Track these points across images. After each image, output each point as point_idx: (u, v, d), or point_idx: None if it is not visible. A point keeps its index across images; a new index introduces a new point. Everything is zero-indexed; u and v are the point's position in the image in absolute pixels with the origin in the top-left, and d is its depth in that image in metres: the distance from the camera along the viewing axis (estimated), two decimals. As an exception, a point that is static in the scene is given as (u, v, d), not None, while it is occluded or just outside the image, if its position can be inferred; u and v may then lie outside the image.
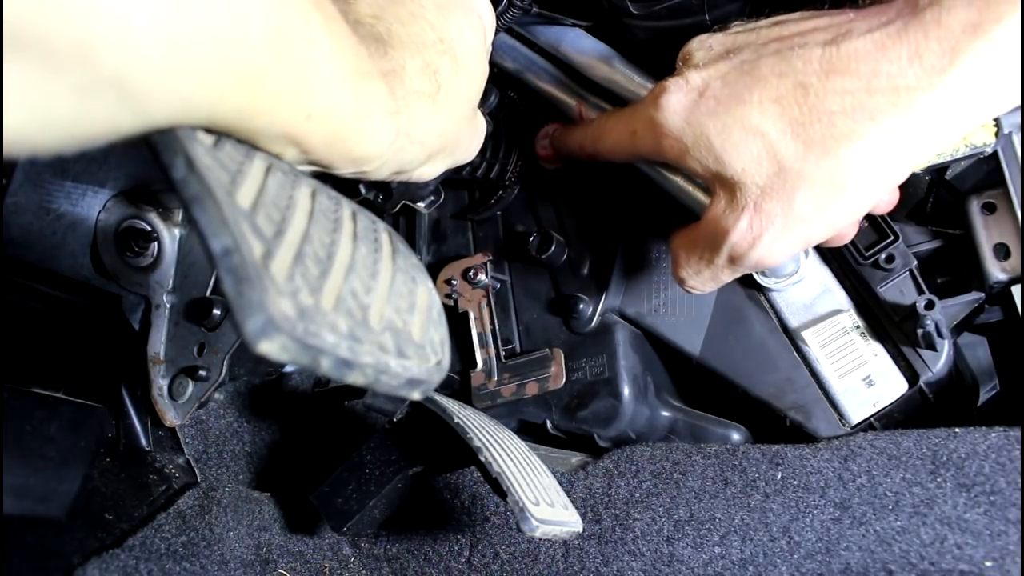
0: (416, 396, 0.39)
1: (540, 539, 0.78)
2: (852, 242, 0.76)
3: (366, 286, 0.40)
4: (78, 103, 0.30)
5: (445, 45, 0.52)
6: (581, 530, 0.65)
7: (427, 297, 0.45)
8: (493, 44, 0.86)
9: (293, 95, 0.38)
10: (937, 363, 0.74)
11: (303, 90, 0.39)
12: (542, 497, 0.63)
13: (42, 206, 0.87)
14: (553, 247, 0.84)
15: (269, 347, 0.31)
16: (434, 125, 0.52)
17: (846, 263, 0.77)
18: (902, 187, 0.78)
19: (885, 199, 0.63)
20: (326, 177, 0.52)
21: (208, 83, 0.34)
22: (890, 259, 0.75)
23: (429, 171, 0.58)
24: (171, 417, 0.93)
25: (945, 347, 0.73)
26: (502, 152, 0.90)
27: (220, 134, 0.39)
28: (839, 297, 0.78)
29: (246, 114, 0.37)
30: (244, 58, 0.34)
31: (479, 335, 0.92)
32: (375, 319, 0.38)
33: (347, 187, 0.87)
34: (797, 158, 0.52)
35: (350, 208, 0.46)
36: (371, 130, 0.45)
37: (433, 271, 0.94)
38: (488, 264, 0.92)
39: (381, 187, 0.91)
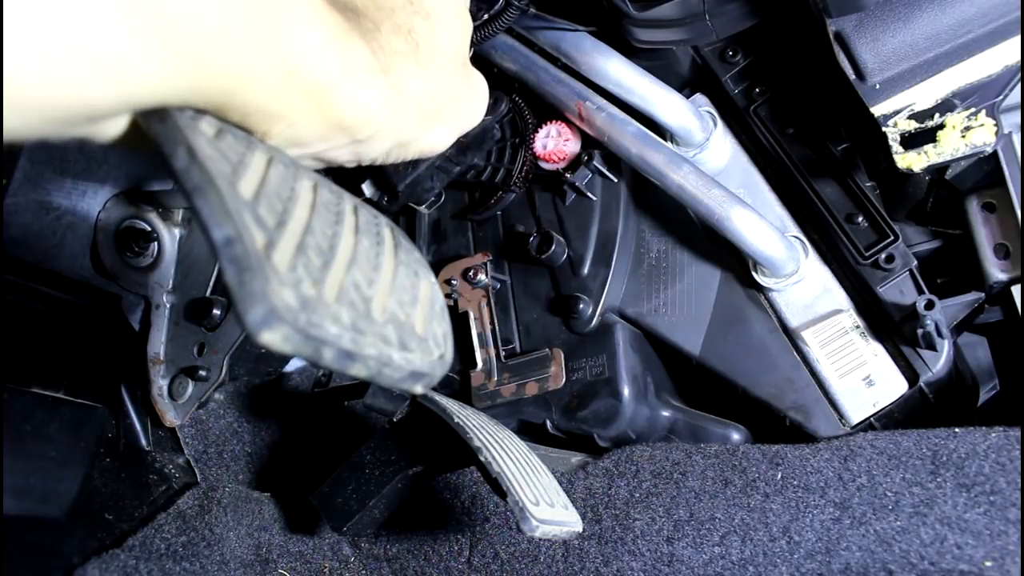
0: (419, 389, 0.39)
1: (540, 539, 0.78)
2: (852, 242, 0.77)
3: (368, 278, 0.39)
4: (42, 71, 0.29)
5: (415, 6, 0.52)
6: (581, 530, 0.65)
7: (430, 291, 0.45)
8: (494, 45, 0.86)
9: (272, 52, 0.37)
10: (937, 363, 0.74)
11: (281, 46, 0.38)
12: (542, 497, 0.63)
13: (42, 206, 0.87)
14: (553, 247, 0.85)
15: (271, 337, 0.30)
16: (423, 84, 0.50)
17: (846, 263, 0.77)
18: (903, 187, 0.78)
19: None
20: (328, 173, 0.52)
21: (180, 44, 0.32)
22: (890, 259, 0.75)
23: (436, 139, 0.56)
24: (171, 417, 0.93)
25: (945, 347, 0.73)
26: (507, 157, 0.90)
27: (221, 124, 0.38)
28: (839, 297, 0.78)
29: (229, 81, 0.36)
30: (214, 13, 0.33)
31: (479, 335, 0.92)
32: (378, 311, 0.38)
33: (351, 187, 0.87)
34: None
35: (352, 202, 0.46)
36: (359, 89, 0.44)
37: (433, 271, 0.94)
38: (488, 264, 0.92)
39: (386, 188, 0.91)
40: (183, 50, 0.33)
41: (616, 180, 0.87)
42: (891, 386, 0.75)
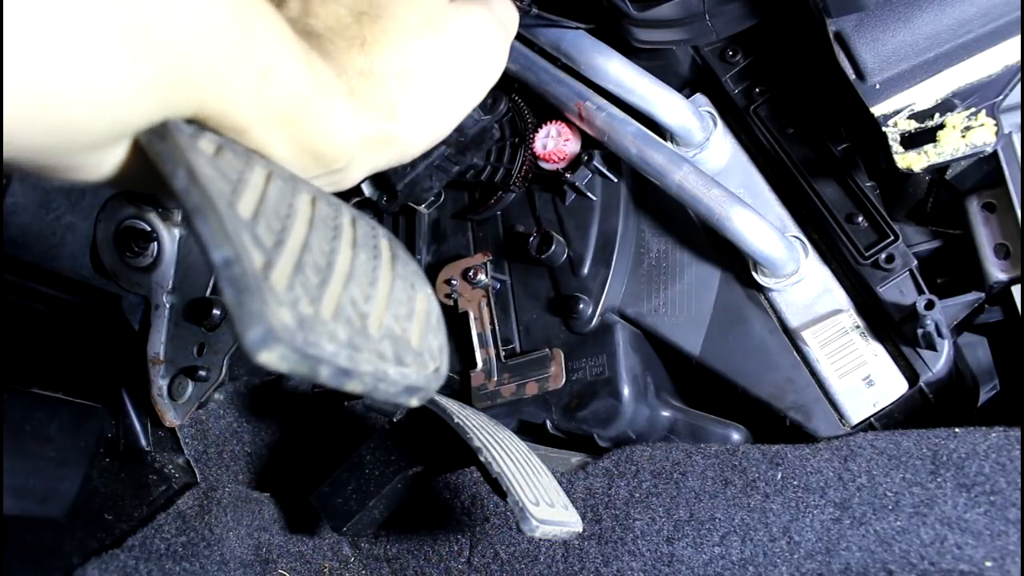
0: (414, 403, 0.39)
1: (540, 539, 0.78)
2: (852, 242, 0.77)
3: (365, 294, 0.40)
4: (28, 90, 0.28)
5: (371, 11, 0.49)
6: (581, 530, 0.65)
7: (426, 303, 0.46)
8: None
9: (245, 54, 0.36)
10: (937, 363, 0.74)
11: (253, 45, 0.37)
12: (542, 497, 0.63)
13: (42, 206, 0.87)
14: (553, 247, 0.85)
15: (269, 357, 0.31)
16: (388, 93, 0.48)
17: (846, 263, 0.77)
18: (903, 187, 0.78)
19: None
20: None
21: (158, 44, 0.31)
22: (890, 259, 0.75)
23: (432, 129, 0.53)
24: (171, 417, 0.93)
25: (945, 347, 0.73)
26: (506, 156, 0.90)
27: (221, 141, 0.39)
28: (839, 297, 0.78)
29: (204, 84, 0.35)
30: (191, 15, 0.32)
31: (479, 335, 0.92)
32: (374, 327, 0.38)
33: (350, 188, 0.87)
34: None
35: (350, 214, 0.46)
36: (329, 112, 0.43)
37: (433, 271, 0.94)
38: (488, 264, 0.92)
39: (385, 188, 0.91)
40: (161, 51, 0.32)
41: (616, 180, 0.87)
42: (891, 386, 0.75)
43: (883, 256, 0.75)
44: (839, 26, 0.66)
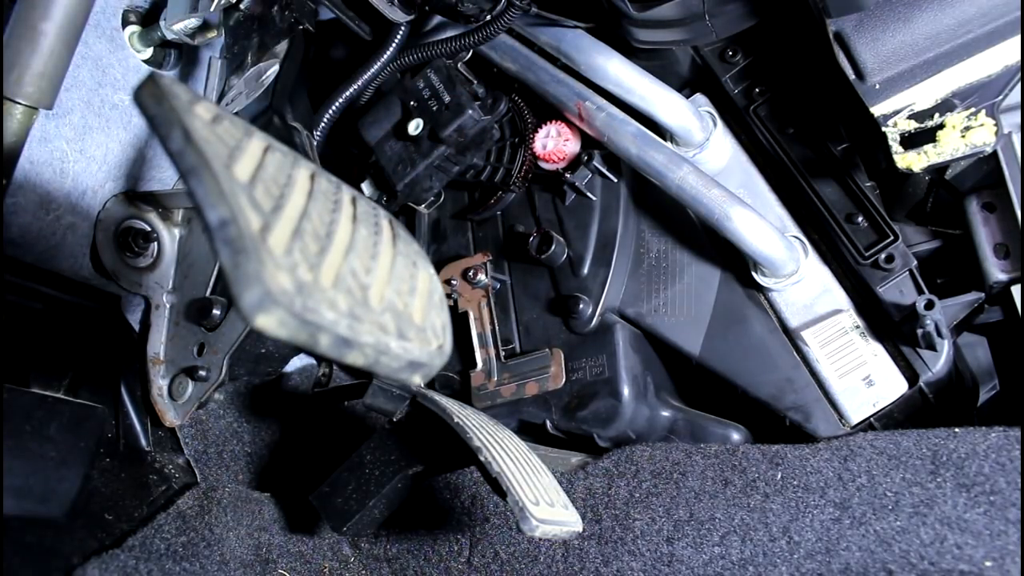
0: (417, 380, 0.39)
1: (540, 539, 0.78)
2: (852, 242, 0.77)
3: (366, 266, 0.39)
4: None
5: None
6: (581, 530, 0.65)
7: (428, 282, 0.45)
8: (494, 45, 0.86)
9: None
10: (937, 363, 0.74)
11: None
12: (542, 497, 0.63)
13: (42, 206, 0.87)
14: (553, 247, 0.85)
15: (267, 321, 0.30)
16: None
17: (846, 263, 0.77)
18: (903, 187, 0.78)
19: None
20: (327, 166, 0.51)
21: None
22: (890, 259, 0.75)
23: None
24: (171, 417, 0.93)
25: (945, 347, 0.73)
26: (506, 156, 0.90)
27: (218, 110, 0.38)
28: (839, 297, 0.78)
29: None
30: None
31: (479, 335, 0.92)
32: (375, 299, 0.38)
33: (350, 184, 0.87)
34: None
35: (350, 192, 0.45)
36: None
37: (433, 271, 0.94)
38: (488, 264, 0.92)
39: (385, 188, 0.91)
40: None
41: (616, 180, 0.87)
42: (891, 386, 0.75)
43: (883, 256, 0.75)
44: (839, 26, 0.66)
